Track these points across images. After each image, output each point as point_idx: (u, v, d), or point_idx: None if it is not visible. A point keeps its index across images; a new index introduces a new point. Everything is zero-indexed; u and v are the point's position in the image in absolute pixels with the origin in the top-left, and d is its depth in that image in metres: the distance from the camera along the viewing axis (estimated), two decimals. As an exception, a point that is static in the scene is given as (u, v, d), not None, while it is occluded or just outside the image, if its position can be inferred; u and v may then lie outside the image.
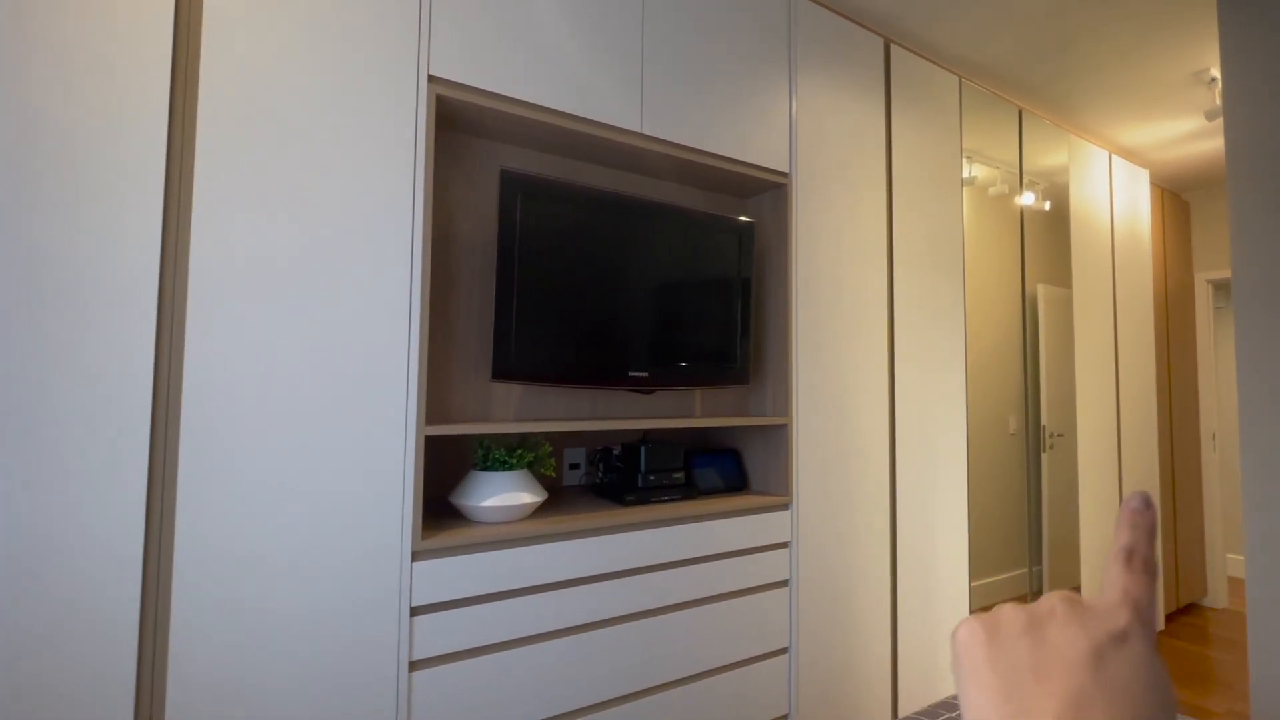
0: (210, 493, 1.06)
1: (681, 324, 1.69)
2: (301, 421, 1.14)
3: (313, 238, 1.16)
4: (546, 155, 1.72)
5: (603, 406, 1.81)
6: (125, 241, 1.02)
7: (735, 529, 1.67)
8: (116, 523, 0.99)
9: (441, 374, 1.57)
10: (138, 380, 1.02)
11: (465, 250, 1.61)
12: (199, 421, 1.05)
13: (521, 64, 1.42)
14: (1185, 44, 2.38)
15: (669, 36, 1.65)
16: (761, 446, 1.89)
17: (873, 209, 2.07)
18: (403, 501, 1.22)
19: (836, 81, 2.00)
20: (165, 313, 1.05)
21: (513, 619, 1.33)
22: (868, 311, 2.03)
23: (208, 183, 1.08)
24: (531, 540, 1.37)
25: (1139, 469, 3.16)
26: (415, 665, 1.23)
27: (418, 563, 1.23)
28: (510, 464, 1.43)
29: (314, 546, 1.14)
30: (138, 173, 1.03)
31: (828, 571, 1.87)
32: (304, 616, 1.12)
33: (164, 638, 1.02)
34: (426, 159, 1.28)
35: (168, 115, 1.05)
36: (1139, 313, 3.27)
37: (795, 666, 1.77)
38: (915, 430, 2.14)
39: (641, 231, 1.63)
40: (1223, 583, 3.77)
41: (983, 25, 2.25)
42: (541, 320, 1.48)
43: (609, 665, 1.45)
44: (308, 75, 1.17)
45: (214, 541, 1.06)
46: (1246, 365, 1.60)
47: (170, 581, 1.03)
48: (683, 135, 1.66)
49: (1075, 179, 2.92)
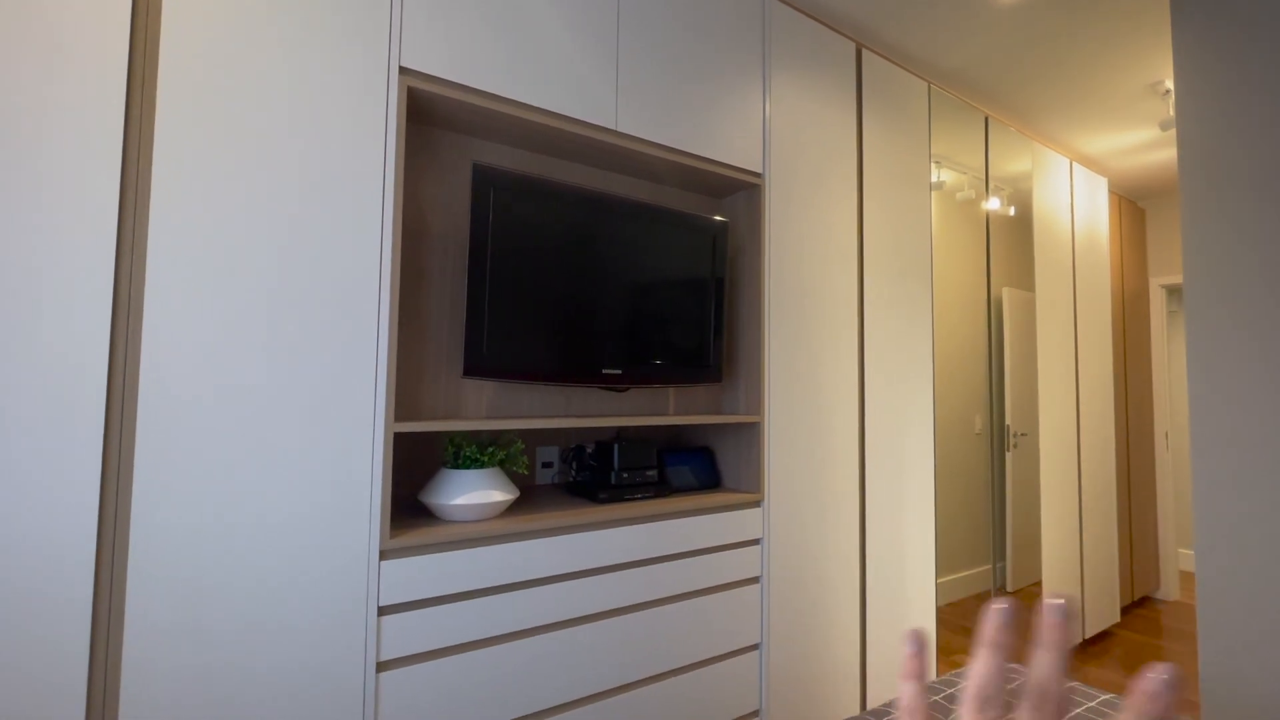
0: (168, 491, 1.02)
1: (655, 322, 1.70)
2: (265, 417, 1.11)
3: (278, 230, 1.13)
4: (520, 151, 1.71)
5: (576, 404, 1.80)
6: (78, 233, 0.98)
7: (708, 526, 1.68)
8: (68, 524, 0.95)
9: (411, 370, 1.54)
10: (91, 375, 0.98)
11: (437, 245, 1.59)
12: (156, 417, 1.02)
13: (495, 58, 1.41)
14: (1141, 57, 2.47)
15: (645, 34, 1.65)
16: (734, 445, 1.90)
17: (844, 211, 2.10)
18: (370, 499, 1.20)
19: (809, 84, 2.02)
20: (121, 306, 1.01)
21: (483, 618, 1.31)
22: (839, 312, 2.06)
23: (167, 173, 1.04)
24: (503, 538, 1.35)
25: (1097, 467, 3.27)
26: (383, 666, 1.21)
27: (386, 562, 1.21)
28: (482, 461, 1.41)
29: (278, 545, 1.11)
30: (93, 162, 0.99)
31: (798, 568, 1.90)
32: (267, 617, 1.09)
33: (118, 642, 0.99)
34: (397, 152, 1.26)
35: (124, 101, 1.02)
36: (1097, 316, 3.38)
37: (766, 662, 1.79)
38: (884, 429, 2.18)
39: (615, 229, 1.62)
40: (1175, 576, 3.92)
41: (951, 32, 2.30)
42: (514, 317, 1.47)
43: (581, 663, 1.44)
44: (274, 65, 1.14)
45: (171, 540, 1.02)
46: (1197, 367, 1.66)
47: (125, 582, 0.99)
48: (658, 134, 1.67)
49: (1038, 185, 3.01)
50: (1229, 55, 1.64)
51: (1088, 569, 3.13)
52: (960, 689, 1.27)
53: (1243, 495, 1.58)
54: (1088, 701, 1.24)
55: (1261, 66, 1.58)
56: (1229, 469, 1.60)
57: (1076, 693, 1.29)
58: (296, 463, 1.13)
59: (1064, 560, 2.98)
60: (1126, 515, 3.66)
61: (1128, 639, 3.27)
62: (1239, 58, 1.62)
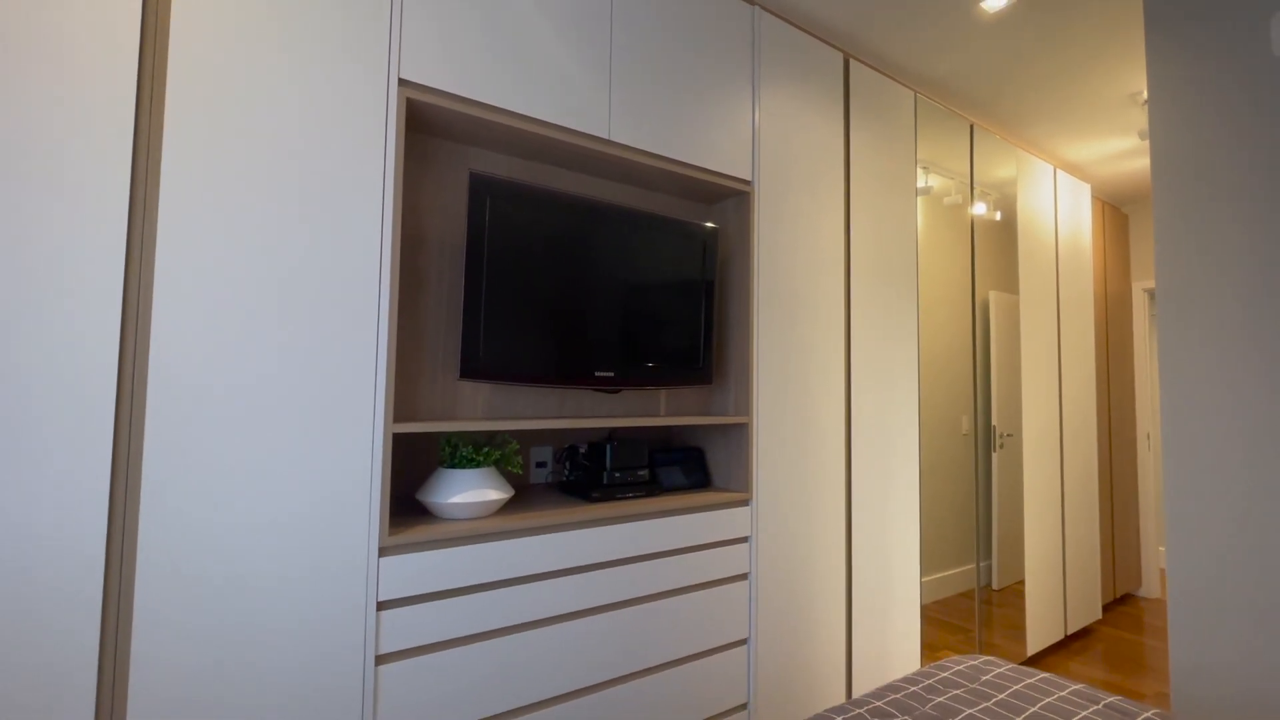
0: (176, 488, 1.06)
1: (648, 325, 1.74)
2: (270, 418, 1.15)
3: (282, 233, 1.17)
4: (515, 159, 1.75)
5: (570, 405, 1.85)
6: (90, 232, 1.01)
7: (698, 524, 1.73)
8: (79, 520, 0.99)
9: (409, 373, 1.58)
10: (102, 371, 1.02)
11: (433, 251, 1.63)
12: (164, 416, 1.06)
13: (492, 70, 1.45)
14: (1122, 67, 2.54)
15: (638, 46, 1.70)
16: (723, 445, 1.95)
17: (831, 217, 2.16)
18: (370, 497, 1.24)
19: (798, 94, 2.08)
20: (130, 308, 1.05)
21: (479, 612, 1.36)
22: (826, 315, 2.12)
23: (175, 179, 1.08)
24: (498, 536, 1.40)
25: (1080, 467, 3.34)
26: (382, 659, 1.25)
27: (385, 558, 1.25)
28: (478, 461, 1.45)
29: (282, 541, 1.15)
30: (103, 166, 1.03)
31: (786, 565, 1.95)
32: (270, 611, 1.13)
33: (126, 636, 1.02)
34: (397, 161, 1.30)
35: (134, 109, 1.05)
36: (1080, 319, 3.46)
37: (754, 657, 1.84)
38: (869, 430, 2.24)
39: (608, 234, 1.67)
40: (1155, 574, 4.00)
41: (937, 43, 2.36)
42: (509, 320, 1.51)
43: (574, 657, 1.49)
44: (278, 75, 1.18)
45: (179, 537, 1.06)
46: (1168, 369, 1.73)
47: (134, 578, 1.03)
48: (650, 143, 1.71)
49: (1023, 191, 3.08)
50: (1201, 64, 1.70)
51: (1070, 566, 3.20)
52: (940, 680, 1.34)
53: (1212, 495, 1.64)
54: (1058, 691, 1.29)
55: (1233, 76, 1.65)
56: (1198, 470, 1.67)
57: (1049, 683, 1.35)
58: (300, 461, 1.17)
59: (1046, 558, 3.05)
60: (1109, 514, 3.74)
61: (1109, 635, 3.34)
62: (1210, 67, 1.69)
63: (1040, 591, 2.99)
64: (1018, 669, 1.41)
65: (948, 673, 1.39)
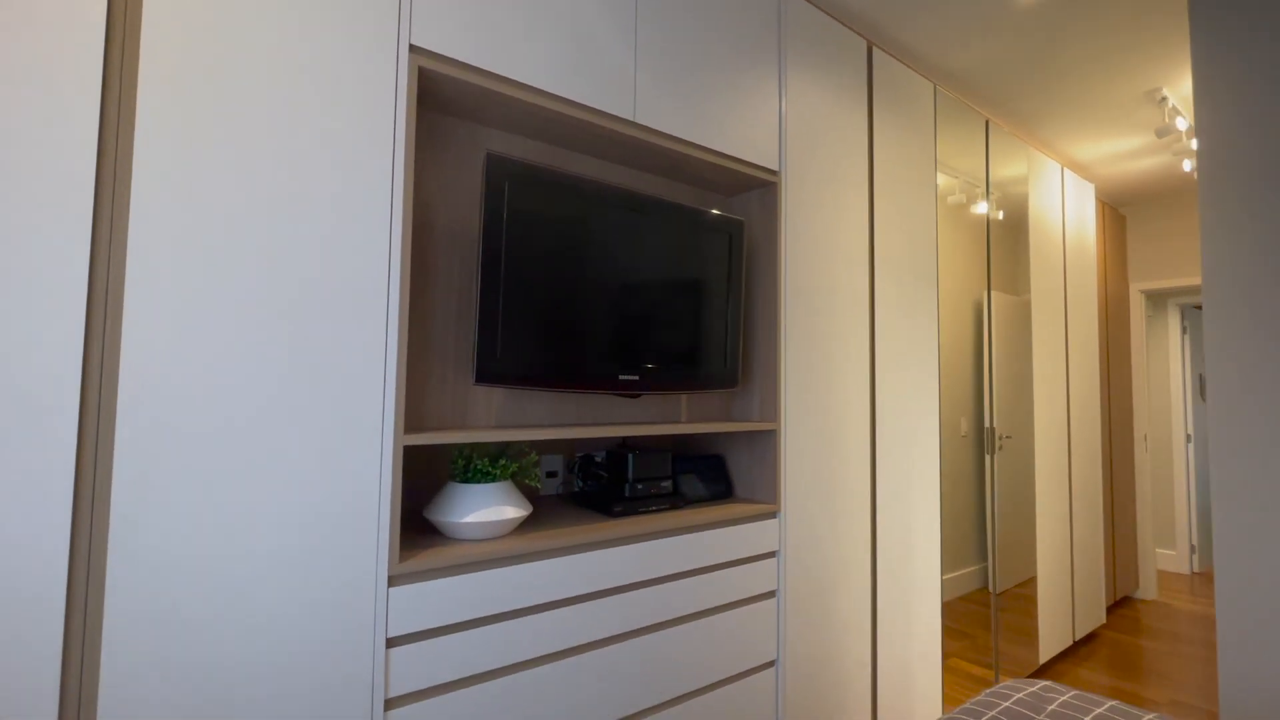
0: (149, 516, 0.90)
1: (674, 325, 1.61)
2: (262, 431, 0.99)
3: (275, 222, 1.01)
4: (531, 141, 1.60)
5: (587, 411, 1.71)
6: (48, 223, 0.85)
7: (725, 540, 1.60)
8: (32, 562, 0.82)
9: (416, 377, 1.43)
10: (62, 383, 0.85)
11: (442, 242, 1.48)
12: (137, 432, 0.89)
13: (510, 40, 1.31)
14: (1141, 64, 2.48)
15: (662, 22, 1.57)
16: (747, 452, 1.83)
17: (856, 212, 2.05)
18: (378, 520, 1.09)
19: (823, 82, 1.96)
20: (97, 305, 0.89)
21: (498, 646, 1.21)
22: (852, 314, 2.01)
23: (149, 155, 0.92)
24: (518, 559, 1.25)
25: (1085, 468, 3.30)
26: (391, 703, 1.09)
27: (395, 588, 1.10)
28: (493, 475, 1.31)
29: (276, 573, 0.99)
30: (63, 142, 0.86)
31: (813, 580, 1.83)
32: (263, 651, 0.97)
33: (92, 684, 0.86)
34: (407, 137, 1.15)
35: (101, 80, 0.89)
36: (1085, 321, 3.41)
37: (783, 679, 1.72)
38: (894, 433, 2.14)
39: (633, 225, 1.53)
40: (1153, 576, 3.99)
41: (956, 33, 2.27)
42: (530, 319, 1.36)
43: (597, 690, 1.35)
44: (271, 38, 1.02)
45: (153, 570, 0.90)
46: (1216, 371, 1.65)
47: (100, 619, 0.87)
48: (675, 127, 1.58)
49: (1034, 190, 3.01)
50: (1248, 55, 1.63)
51: (1077, 570, 3.16)
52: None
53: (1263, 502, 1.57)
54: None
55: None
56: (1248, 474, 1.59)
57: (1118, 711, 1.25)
58: (297, 481, 1.01)
59: (1057, 561, 3.00)
60: (1110, 517, 3.72)
61: (1114, 639, 3.31)
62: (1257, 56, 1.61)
63: (1051, 596, 2.93)
64: (1082, 695, 1.31)
65: (1008, 701, 1.29)
